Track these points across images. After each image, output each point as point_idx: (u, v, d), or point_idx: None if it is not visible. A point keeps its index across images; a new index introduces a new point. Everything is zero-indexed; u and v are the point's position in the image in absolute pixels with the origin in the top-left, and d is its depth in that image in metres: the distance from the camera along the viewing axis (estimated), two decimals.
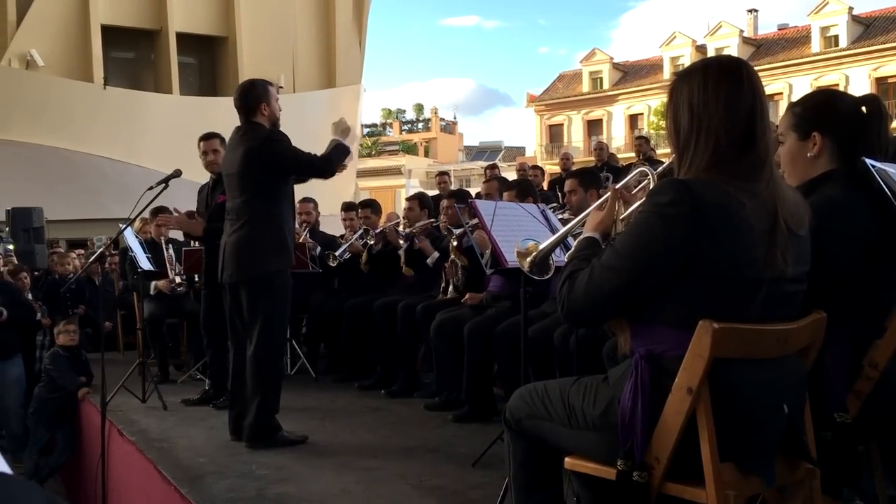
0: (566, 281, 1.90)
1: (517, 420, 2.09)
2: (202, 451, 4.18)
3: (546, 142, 39.73)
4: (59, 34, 19.80)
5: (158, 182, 5.04)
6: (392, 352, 5.72)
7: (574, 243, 2.13)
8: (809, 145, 2.17)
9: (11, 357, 6.67)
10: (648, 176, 2.13)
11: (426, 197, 6.89)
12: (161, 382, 6.07)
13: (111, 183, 18.08)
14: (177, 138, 17.15)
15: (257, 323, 4.15)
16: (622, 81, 38.40)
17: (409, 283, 6.08)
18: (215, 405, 5.25)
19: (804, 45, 33.32)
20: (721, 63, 1.86)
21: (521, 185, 5.33)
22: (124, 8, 20.78)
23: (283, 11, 22.52)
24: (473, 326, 4.70)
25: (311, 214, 7.10)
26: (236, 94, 4.34)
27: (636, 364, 1.77)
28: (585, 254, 1.97)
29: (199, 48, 22.84)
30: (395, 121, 60.21)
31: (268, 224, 4.17)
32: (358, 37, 25.19)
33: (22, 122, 18.57)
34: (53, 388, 6.17)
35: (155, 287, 6.66)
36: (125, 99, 20.52)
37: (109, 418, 4.88)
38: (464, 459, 3.79)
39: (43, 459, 6.22)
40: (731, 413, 1.71)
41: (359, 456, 3.99)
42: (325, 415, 5.01)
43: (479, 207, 3.25)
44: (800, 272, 1.80)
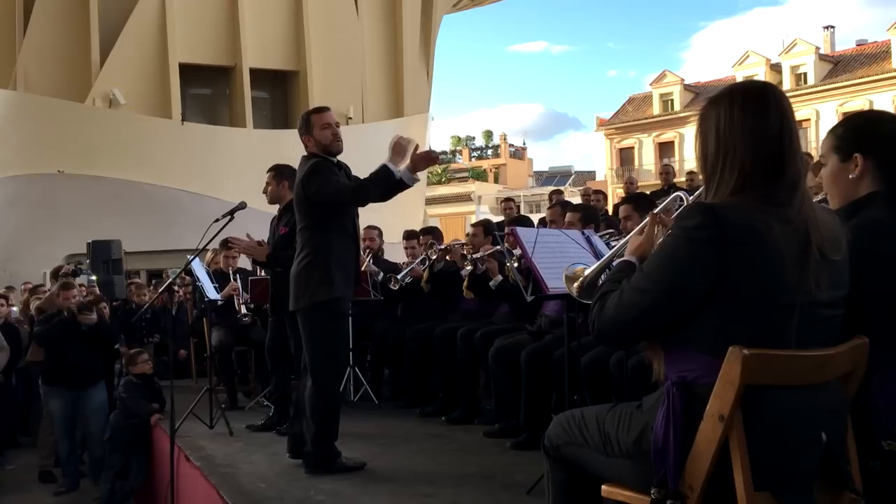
0: (597, 302, 1.93)
1: (556, 447, 2.09)
2: (263, 477, 4.27)
3: (616, 165, 39.37)
4: (140, 73, 20.62)
5: (224, 214, 5.19)
6: (453, 378, 5.74)
7: None
8: (851, 167, 2.12)
9: (96, 384, 6.90)
10: (684, 201, 2.12)
11: (491, 223, 6.90)
12: (229, 409, 6.23)
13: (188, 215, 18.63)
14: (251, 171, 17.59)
15: (310, 352, 4.22)
16: (693, 102, 37.80)
17: (470, 310, 6.10)
18: (278, 431, 5.35)
19: (884, 61, 32.26)
20: (747, 88, 1.84)
21: (586, 209, 5.30)
22: (201, 46, 21.53)
23: (351, 44, 22.99)
24: (531, 353, 4.68)
25: (375, 241, 7.19)
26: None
27: (668, 391, 1.76)
28: (619, 276, 1.98)
29: (271, 82, 23.47)
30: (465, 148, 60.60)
31: (313, 255, 4.23)
32: (425, 66, 25.51)
33: (106, 158, 19.36)
34: (128, 414, 6.38)
35: (222, 297, 6.69)
36: (202, 134, 21.21)
37: (178, 444, 5.01)
38: (520, 487, 3.77)
39: (118, 484, 6.42)
40: (766, 441, 1.68)
41: (415, 483, 4.01)
42: (386, 441, 5.05)
43: (521, 235, 3.27)
44: (835, 297, 1.76)
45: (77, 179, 19.10)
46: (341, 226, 4.31)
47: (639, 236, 2.14)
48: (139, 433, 6.37)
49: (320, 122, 4.36)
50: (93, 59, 20.27)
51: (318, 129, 4.33)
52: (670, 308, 1.77)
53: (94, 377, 6.90)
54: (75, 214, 18.03)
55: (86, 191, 18.83)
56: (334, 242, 4.26)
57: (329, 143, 4.33)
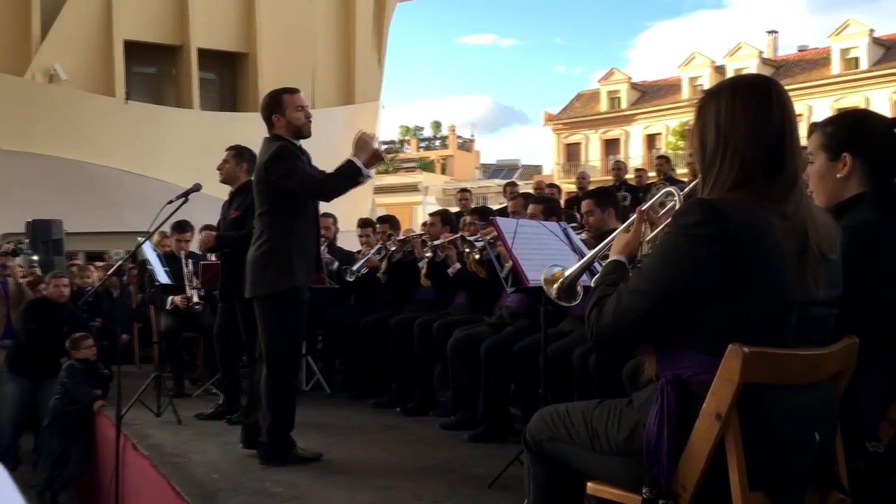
0: (594, 307, 1.86)
1: (538, 442, 2.05)
2: (216, 467, 4.14)
3: (563, 160, 39.69)
4: (83, 49, 19.98)
5: (178, 196, 5.03)
6: (408, 369, 5.68)
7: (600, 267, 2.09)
8: (839, 166, 2.12)
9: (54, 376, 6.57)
10: (675, 196, 2.08)
11: (449, 213, 6.85)
12: (176, 396, 6.05)
13: (130, 196, 18.19)
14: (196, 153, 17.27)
15: (268, 340, 4.12)
16: (640, 101, 38.36)
17: (425, 300, 6.04)
18: (229, 420, 5.23)
19: (824, 67, 33.17)
20: (750, 82, 1.82)
21: (550, 202, 5.28)
22: (147, 23, 20.96)
23: (303, 28, 22.65)
24: (491, 345, 4.65)
25: (330, 229, 7.08)
26: (260, 107, 4.33)
27: (662, 389, 1.72)
28: (612, 278, 1.92)
29: (219, 64, 23.01)
30: (413, 138, 60.34)
31: (274, 242, 4.11)
32: (377, 53, 25.30)
33: (44, 135, 18.73)
34: (69, 400, 6.15)
35: (171, 302, 6.66)
36: (146, 113, 20.66)
37: (124, 432, 4.84)
38: (480, 480, 3.73)
39: (57, 471, 6.20)
40: (762, 440, 1.66)
41: (374, 475, 3.94)
42: (341, 432, 4.97)
43: (501, 225, 3.22)
44: (831, 296, 1.75)
45: (14, 156, 18.40)
46: (303, 212, 4.20)
47: (625, 234, 2.09)
48: (81, 420, 6.15)
49: (294, 103, 4.24)
50: (33, 32, 19.54)
51: (293, 110, 4.22)
52: (672, 309, 1.72)
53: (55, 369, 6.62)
54: (11, 192, 17.37)
55: (23, 168, 18.16)
56: (296, 229, 4.14)
57: (302, 126, 4.24)
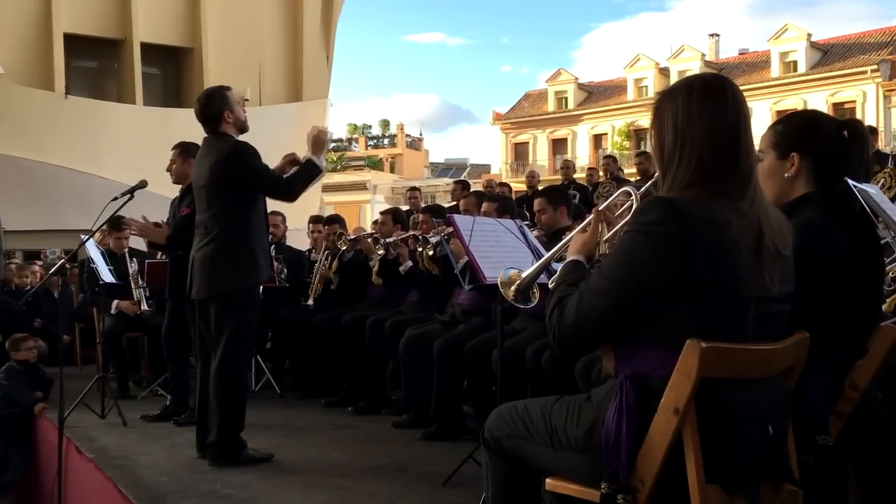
0: (555, 308, 1.86)
1: (496, 440, 2.05)
2: (164, 470, 4.06)
3: (511, 160, 39.93)
4: (20, 42, 19.36)
5: (123, 193, 4.91)
6: (360, 368, 5.64)
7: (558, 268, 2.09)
8: (787, 165, 2.17)
9: None
10: (632, 196, 2.10)
11: (400, 212, 6.83)
12: (121, 398, 5.90)
13: (70, 193, 17.71)
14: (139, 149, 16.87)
15: (223, 339, 4.05)
16: (587, 101, 38.80)
17: (377, 298, 6.01)
18: (176, 422, 5.14)
19: (764, 70, 33.98)
20: (706, 81, 1.85)
21: (503, 200, 5.30)
22: (87, 17, 20.43)
23: (249, 23, 22.32)
24: (443, 343, 4.65)
25: (280, 227, 7.03)
26: (197, 106, 4.22)
27: (621, 385, 1.74)
28: (572, 278, 1.93)
29: (163, 58, 22.52)
30: (361, 136, 60.05)
31: (237, 238, 4.08)
32: (325, 50, 25.06)
33: None
34: (8, 403, 5.96)
35: (117, 307, 6.47)
36: (87, 108, 20.11)
37: (67, 435, 4.71)
38: (434, 478, 3.73)
39: None
40: (718, 434, 1.69)
41: (327, 475, 3.91)
42: (292, 432, 4.92)
43: (459, 223, 3.22)
44: (785, 292, 1.79)
45: None
46: (259, 209, 4.19)
47: (582, 234, 2.11)
48: (21, 423, 5.97)
49: (235, 99, 4.23)
50: None
51: (237, 105, 4.18)
52: (633, 307, 1.74)
53: None
54: None
55: None
56: (255, 226, 4.13)
57: (245, 122, 4.21)
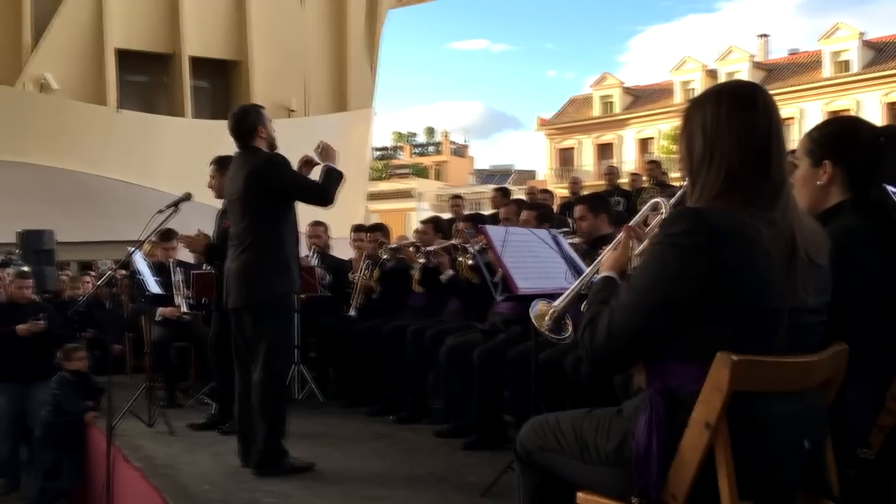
0: (587, 328, 1.82)
1: (528, 452, 2.03)
2: (207, 478, 4.12)
3: (557, 165, 39.75)
4: (74, 58, 19.94)
5: (168, 205, 5.02)
6: (401, 377, 5.66)
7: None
8: (820, 173, 2.11)
9: (45, 379, 6.44)
10: (663, 207, 2.07)
11: (441, 221, 6.86)
12: (168, 407, 6.03)
13: (123, 206, 18.11)
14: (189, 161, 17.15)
15: (262, 347, 4.11)
16: (633, 105, 38.46)
17: (418, 307, 6.03)
18: (221, 430, 5.20)
19: (815, 71, 33.31)
20: (735, 88, 1.82)
21: (542, 208, 5.28)
22: (139, 32, 20.93)
23: (295, 35, 22.63)
24: (483, 352, 4.64)
25: (322, 238, 7.10)
26: (232, 121, 4.35)
27: (651, 399, 1.71)
28: (603, 295, 1.89)
29: (212, 72, 22.96)
30: (406, 144, 60.38)
31: (270, 248, 4.17)
32: (370, 60, 25.27)
33: (36, 144, 18.66)
34: (60, 412, 6.11)
35: (160, 314, 6.62)
36: (139, 122, 20.61)
37: (115, 443, 4.81)
38: (473, 489, 3.72)
39: (49, 484, 6.15)
40: (751, 449, 1.65)
41: (366, 484, 3.92)
42: (333, 441, 4.95)
43: (491, 233, 3.21)
44: (821, 302, 1.75)
45: (6, 166, 18.31)
46: (291, 219, 4.30)
47: (613, 252, 2.07)
48: (72, 431, 6.10)
49: (267, 116, 4.38)
50: (24, 41, 19.49)
51: (268, 122, 4.32)
52: (664, 320, 1.70)
53: (43, 372, 6.55)
54: (3, 202, 17.30)
55: (15, 178, 18.07)
56: (287, 235, 4.24)
57: (275, 139, 4.36)
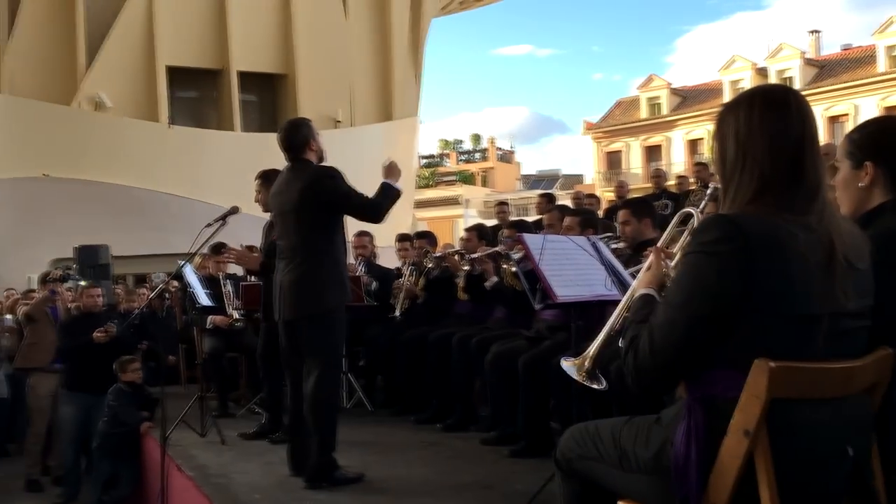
0: (629, 349, 1.80)
1: (568, 461, 2.04)
2: (258, 487, 4.19)
3: (604, 169, 39.44)
4: (127, 76, 20.45)
5: (216, 219, 5.11)
6: (448, 385, 5.67)
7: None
8: (861, 174, 2.07)
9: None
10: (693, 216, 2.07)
11: (485, 228, 6.88)
12: (220, 416, 6.14)
13: (176, 219, 18.48)
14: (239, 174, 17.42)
15: (316, 359, 4.13)
16: (681, 106, 37.97)
17: (463, 315, 6.04)
18: (271, 439, 5.28)
19: (869, 66, 32.48)
20: (767, 92, 1.80)
21: (586, 214, 5.26)
22: (188, 49, 21.38)
23: (340, 47, 22.88)
24: (528, 360, 4.62)
25: (367, 248, 7.16)
26: (283, 135, 4.37)
27: (689, 407, 1.70)
28: (643, 314, 1.86)
29: (259, 86, 23.33)
30: (453, 151, 60.51)
31: (325, 261, 4.18)
32: (414, 69, 25.43)
33: (92, 161, 19.16)
34: (116, 423, 6.27)
35: (212, 322, 6.75)
36: (189, 137, 21.04)
37: (169, 453, 4.92)
38: (519, 497, 3.71)
39: (106, 493, 6.31)
40: (792, 456, 1.63)
41: (413, 493, 3.95)
42: (381, 449, 4.98)
43: (528, 242, 3.21)
44: (862, 306, 1.71)
45: (63, 183, 18.88)
46: (341, 231, 4.33)
47: (647, 272, 2.06)
48: (128, 441, 6.25)
49: (316, 129, 4.41)
50: (79, 61, 20.07)
51: (318, 135, 4.33)
52: (705, 332, 1.67)
53: (111, 383, 6.73)
54: (61, 218, 17.81)
55: (71, 194, 18.62)
56: (340, 248, 4.27)
57: (324, 151, 4.38)
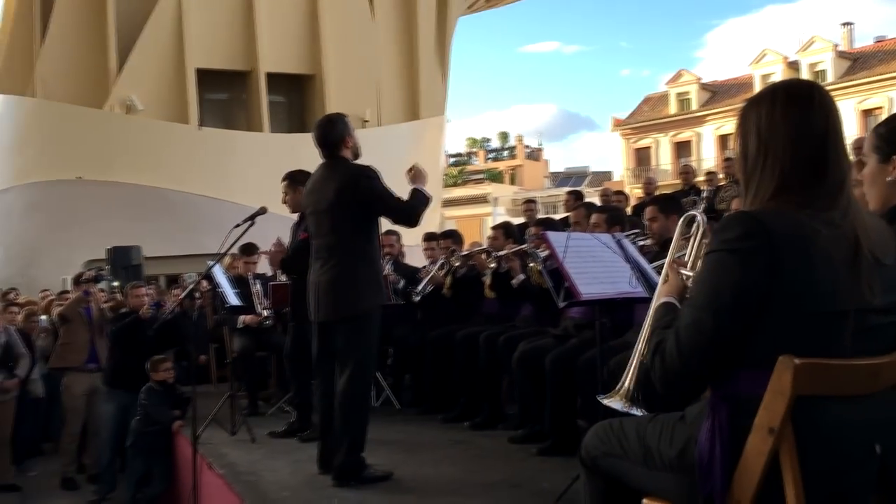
0: (655, 356, 1.79)
1: (593, 458, 2.03)
2: (287, 485, 4.22)
3: (633, 165, 39.15)
4: (157, 79, 20.74)
5: (245, 219, 5.16)
6: (475, 383, 5.68)
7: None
8: (889, 169, 2.05)
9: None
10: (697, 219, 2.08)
11: (511, 226, 6.86)
12: (250, 415, 6.20)
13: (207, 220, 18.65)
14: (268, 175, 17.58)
15: (352, 360, 4.11)
16: (711, 102, 37.59)
17: (491, 313, 6.04)
18: (300, 438, 5.32)
19: None
20: (790, 87, 1.78)
21: (612, 211, 5.23)
22: (217, 52, 21.61)
23: (367, 46, 22.99)
24: (555, 357, 4.62)
25: (394, 247, 7.17)
26: (318, 132, 4.33)
27: (713, 404, 1.69)
28: (667, 321, 1.85)
29: (287, 87, 23.52)
30: (480, 149, 60.48)
31: (362, 261, 4.17)
32: (441, 68, 25.48)
33: (124, 163, 19.46)
34: (148, 421, 6.37)
35: (242, 322, 6.81)
36: (219, 139, 21.28)
37: (200, 451, 4.98)
38: (548, 495, 3.71)
39: (140, 491, 6.40)
40: (818, 454, 1.61)
41: (441, 492, 3.95)
42: (409, 448, 5.00)
43: (551, 239, 3.21)
44: (889, 302, 1.69)
45: (96, 185, 19.19)
46: (376, 232, 4.32)
47: (665, 285, 2.05)
48: (161, 440, 6.35)
49: (352, 125, 4.38)
50: (110, 65, 20.40)
51: (354, 131, 4.33)
52: (731, 330, 1.66)
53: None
54: (94, 220, 18.12)
55: (104, 196, 18.92)
56: (376, 248, 4.27)
57: (359, 148, 4.36)
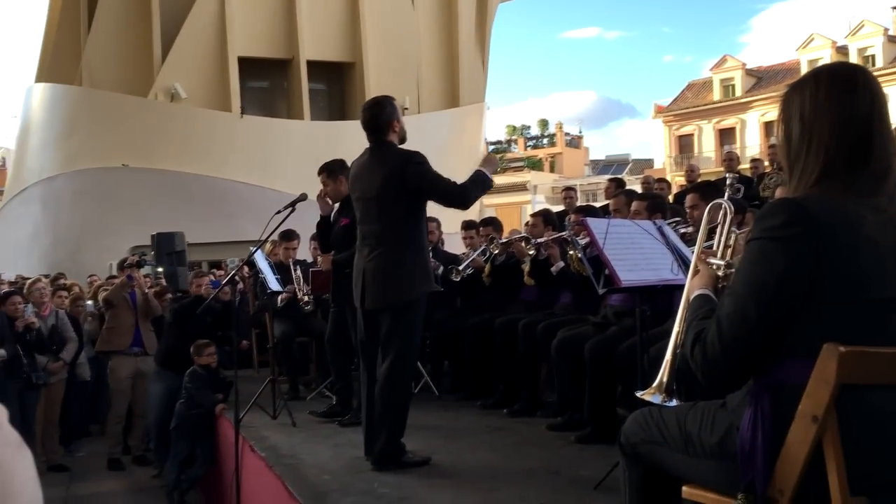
0: (695, 346, 1.78)
1: (633, 445, 2.03)
2: (327, 468, 4.27)
3: (675, 153, 38.64)
4: (200, 67, 20.98)
5: (286, 206, 5.20)
6: (514, 370, 5.68)
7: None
8: None
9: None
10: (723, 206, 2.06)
11: (550, 213, 6.83)
12: (291, 399, 6.27)
13: (248, 207, 18.87)
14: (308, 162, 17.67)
15: (395, 347, 4.10)
16: (756, 87, 36.91)
17: (530, 301, 6.03)
18: (341, 422, 5.37)
19: None
20: (834, 70, 1.75)
21: (653, 198, 5.18)
22: (259, 40, 21.78)
23: (406, 34, 22.99)
24: (595, 345, 4.59)
25: (434, 234, 7.15)
26: (366, 115, 4.24)
27: (756, 392, 1.67)
28: (704, 311, 1.84)
29: (328, 74, 23.62)
30: (520, 137, 60.14)
31: (411, 248, 4.13)
32: (481, 55, 25.37)
33: (168, 151, 19.75)
34: (192, 405, 6.48)
35: (282, 300, 6.86)
36: (260, 126, 21.46)
37: (242, 434, 5.06)
38: (586, 482, 3.70)
39: (184, 472, 6.53)
40: (863, 442, 1.59)
41: (479, 477, 3.97)
42: (448, 434, 5.02)
43: (592, 226, 3.18)
44: None
45: (141, 172, 19.51)
46: (424, 218, 4.28)
47: (695, 278, 2.03)
48: (204, 423, 6.47)
49: (399, 108, 4.32)
50: (154, 54, 20.67)
51: (401, 115, 4.30)
52: (775, 319, 1.64)
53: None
54: (139, 207, 18.44)
55: (149, 183, 19.23)
56: (424, 235, 4.23)
57: (406, 133, 4.31)
